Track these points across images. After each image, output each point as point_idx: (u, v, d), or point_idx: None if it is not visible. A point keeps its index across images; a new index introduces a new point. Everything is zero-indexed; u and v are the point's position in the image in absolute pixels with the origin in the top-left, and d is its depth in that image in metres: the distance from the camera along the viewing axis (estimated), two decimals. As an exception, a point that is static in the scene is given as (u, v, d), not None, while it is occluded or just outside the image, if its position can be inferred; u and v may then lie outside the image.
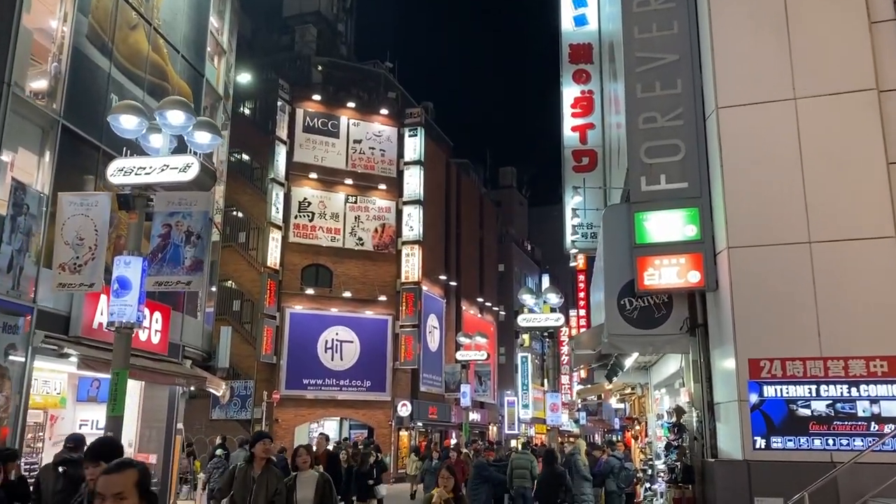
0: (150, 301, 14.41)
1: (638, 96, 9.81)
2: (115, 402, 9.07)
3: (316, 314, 29.45)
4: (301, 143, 30.47)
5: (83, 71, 12.81)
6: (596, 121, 15.54)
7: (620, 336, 9.76)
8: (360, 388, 29.58)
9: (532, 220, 63.60)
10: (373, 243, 31.30)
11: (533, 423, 48.62)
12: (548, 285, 21.18)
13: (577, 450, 13.41)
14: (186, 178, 9.20)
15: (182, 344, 15.91)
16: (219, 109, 18.48)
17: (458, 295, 38.40)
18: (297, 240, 29.80)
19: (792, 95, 8.86)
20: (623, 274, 9.73)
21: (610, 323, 9.79)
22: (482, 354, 29.15)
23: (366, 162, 31.72)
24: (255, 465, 6.57)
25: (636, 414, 16.56)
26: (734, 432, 8.49)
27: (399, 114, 33.02)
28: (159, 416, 15.35)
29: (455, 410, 35.17)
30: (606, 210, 10.33)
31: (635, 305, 9.75)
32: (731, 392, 8.61)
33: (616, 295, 9.82)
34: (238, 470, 6.65)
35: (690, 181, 9.35)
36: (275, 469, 6.69)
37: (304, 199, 30.27)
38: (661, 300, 9.65)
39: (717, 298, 9.07)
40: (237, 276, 29.81)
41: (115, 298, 9.08)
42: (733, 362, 8.46)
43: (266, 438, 6.88)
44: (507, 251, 50.29)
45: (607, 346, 9.91)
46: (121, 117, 9.48)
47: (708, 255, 9.07)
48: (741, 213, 8.77)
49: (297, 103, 30.61)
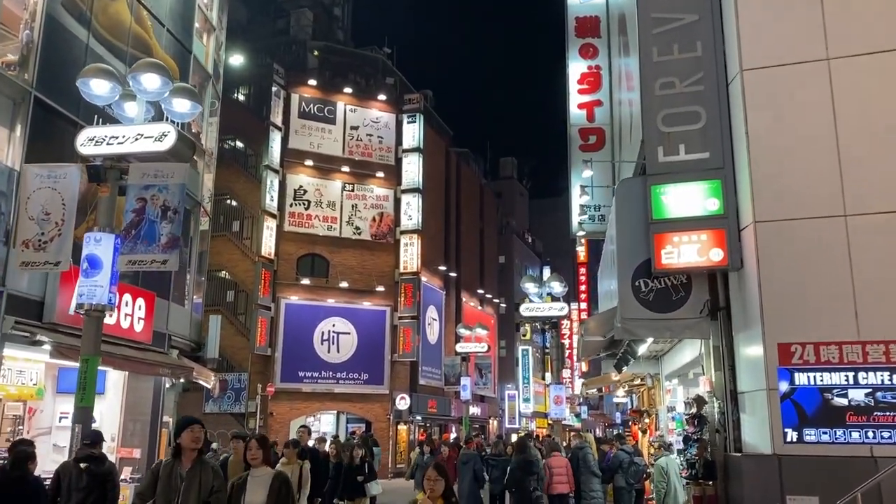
0: (133, 287, 13.65)
1: (654, 60, 9.03)
2: (85, 391, 8.33)
3: (312, 305, 28.68)
4: (296, 130, 29.64)
5: (58, 40, 12.01)
6: (604, 98, 14.75)
7: (635, 320, 8.99)
8: (357, 381, 28.83)
9: (532, 212, 62.83)
10: (370, 232, 30.51)
11: (534, 417, 47.96)
12: (551, 274, 20.32)
13: (585, 443, 12.65)
14: (162, 148, 8.43)
15: (168, 333, 15.14)
16: (207, 89, 17.67)
17: (458, 286, 37.63)
18: (292, 229, 29.00)
19: (825, 55, 8.08)
20: (638, 253, 8.98)
21: (623, 306, 9.03)
22: (483, 346, 28.41)
23: (363, 149, 30.90)
24: (182, 459, 5.34)
25: (645, 406, 15.80)
26: (762, 424, 7.73)
27: (397, 100, 32.19)
28: (144, 409, 14.59)
29: (455, 404, 34.44)
30: (620, 184, 9.56)
31: (651, 287, 8.99)
32: (757, 380, 7.86)
33: (630, 276, 9.06)
34: (162, 467, 5.40)
35: (712, 151, 8.59)
36: (210, 463, 5.53)
37: (300, 187, 29.46)
38: (680, 281, 8.89)
39: (741, 278, 8.31)
40: (231, 266, 29.02)
41: (84, 279, 8.33)
42: (761, 347, 7.70)
43: (195, 424, 5.46)
44: (508, 242, 49.51)
45: (620, 332, 9.14)
46: (91, 81, 8.70)
47: (732, 230, 8.32)
48: (769, 185, 8.00)
49: (293, 88, 29.78)
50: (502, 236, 49.17)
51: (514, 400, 45.08)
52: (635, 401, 18.45)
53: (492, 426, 41.07)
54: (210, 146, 18.28)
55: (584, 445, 12.86)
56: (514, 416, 44.81)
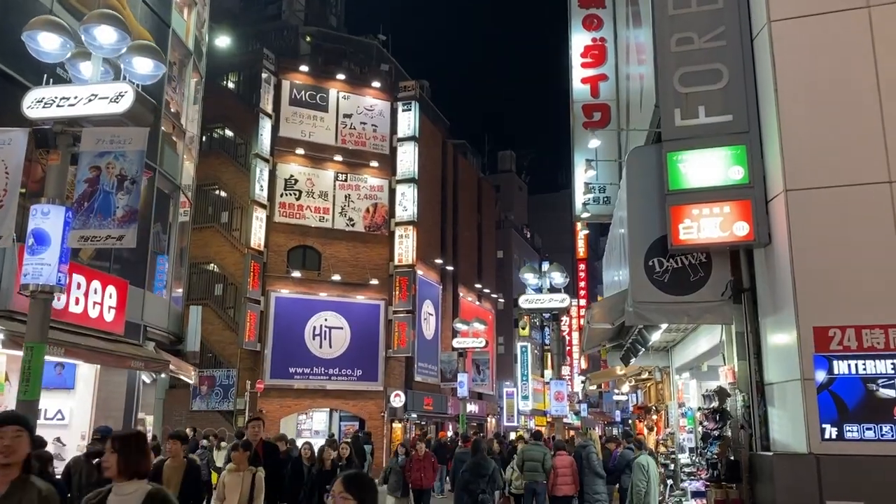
0: (103, 274, 12.71)
1: (670, 14, 8.08)
2: (29, 383, 7.37)
3: (303, 299, 27.70)
4: (287, 117, 28.65)
5: (17, 3, 11.06)
6: (609, 72, 13.81)
7: (648, 304, 8.06)
8: (350, 378, 27.87)
9: (531, 209, 61.90)
10: (364, 224, 29.53)
11: (533, 414, 47.08)
12: (551, 265, 19.39)
13: (589, 441, 11.74)
14: (119, 110, 7.50)
15: (144, 324, 14.20)
16: (188, 67, 16.71)
17: (455, 281, 36.68)
18: (282, 219, 28.02)
19: (864, 2, 7.14)
20: (652, 229, 8.05)
21: (636, 288, 8.10)
22: (480, 342, 27.49)
23: (356, 137, 29.92)
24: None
25: (652, 402, 14.87)
26: (795, 419, 6.79)
27: (392, 87, 31.21)
28: (117, 405, 13.67)
29: (452, 402, 33.52)
30: (631, 153, 8.61)
31: (666, 267, 8.05)
32: (789, 369, 6.91)
33: (643, 255, 8.12)
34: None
35: (736, 113, 7.64)
36: (36, 484, 3.40)
37: (291, 177, 28.48)
38: (699, 260, 7.96)
39: (769, 255, 7.36)
40: (219, 259, 28.05)
41: (29, 256, 7.38)
42: (793, 332, 6.76)
43: (8, 426, 3.34)
44: (507, 237, 48.58)
45: (632, 317, 8.18)
46: (39, 35, 7.76)
47: (758, 201, 7.37)
48: (801, 149, 7.05)
49: (284, 75, 28.80)
50: (501, 230, 48.24)
51: (512, 397, 44.22)
52: (640, 396, 17.52)
53: (490, 424, 40.13)
54: (192, 129, 17.31)
55: (588, 444, 11.96)
56: (512, 415, 43.93)
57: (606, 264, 14.52)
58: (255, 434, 8.66)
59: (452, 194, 37.00)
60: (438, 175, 35.15)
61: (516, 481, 12.88)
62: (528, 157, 71.82)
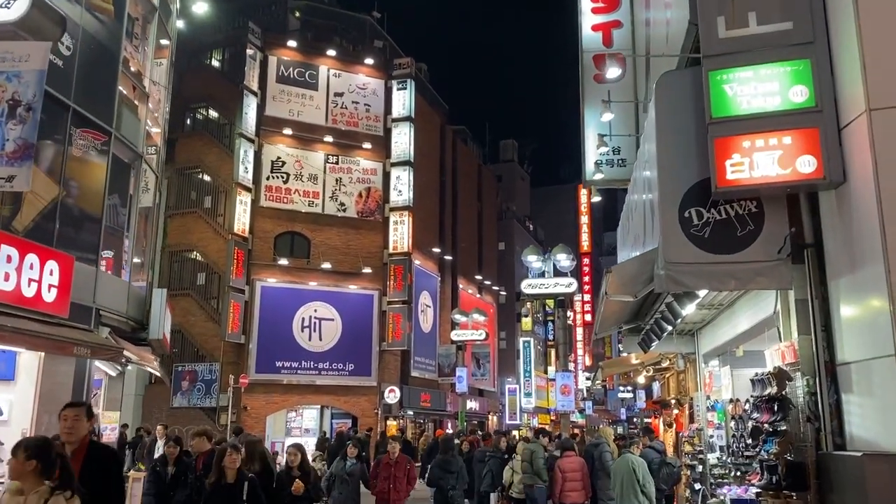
0: (41, 247, 11.02)
1: None
2: None
3: (291, 288, 26.02)
4: (274, 96, 26.96)
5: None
6: (623, 18, 12.08)
7: (684, 266, 6.36)
8: (342, 372, 26.19)
9: (533, 202, 60.19)
10: (356, 209, 27.82)
11: (536, 412, 45.40)
12: (557, 246, 17.71)
13: (602, 440, 10.07)
14: (9, 18, 5.86)
15: (97, 307, 12.51)
16: (153, 24, 15.02)
17: (455, 272, 35.00)
18: (269, 204, 26.32)
19: None
20: (688, 171, 6.38)
21: (668, 246, 6.40)
22: (480, 334, 25.88)
23: (348, 118, 28.21)
24: None
25: (672, 395, 13.17)
26: (882, 408, 5.13)
27: (386, 65, 29.49)
28: (62, 399, 11.93)
29: (451, 398, 31.85)
30: (661, 78, 6.90)
31: (707, 219, 6.36)
32: (874, 344, 5.23)
33: (677, 205, 6.42)
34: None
35: (797, 19, 5.96)
36: None
37: (278, 159, 26.78)
38: (747, 209, 6.27)
39: (843, 197, 5.67)
40: (202, 246, 26.37)
41: None
42: (883, 295, 5.07)
43: None
44: (509, 228, 46.89)
45: (663, 282, 6.46)
46: None
47: (828, 129, 5.69)
48: (888, 58, 5.38)
49: (270, 50, 27.12)
50: (502, 221, 46.56)
51: (514, 394, 42.51)
52: (658, 389, 15.82)
53: (491, 422, 38.43)
54: (158, 94, 15.64)
55: (601, 442, 10.28)
56: (515, 412, 42.24)
57: (621, 242, 12.82)
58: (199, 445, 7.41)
59: (452, 181, 35.33)
60: (437, 160, 33.48)
61: (517, 485, 11.28)
62: (531, 147, 70.08)
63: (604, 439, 10.05)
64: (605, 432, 10.33)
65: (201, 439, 7.27)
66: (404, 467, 8.88)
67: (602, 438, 10.07)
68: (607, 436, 10.20)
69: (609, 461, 9.82)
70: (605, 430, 10.62)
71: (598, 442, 10.03)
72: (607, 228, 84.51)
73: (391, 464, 8.85)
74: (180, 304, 26.08)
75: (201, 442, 7.25)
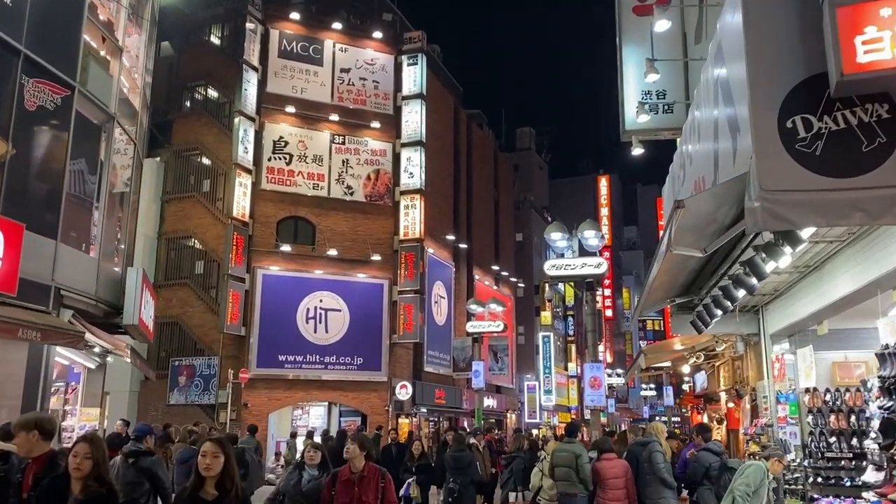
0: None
1: None
2: None
3: (295, 276, 24.29)
4: (276, 72, 25.25)
5: None
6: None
7: (788, 194, 4.51)
8: (349, 367, 24.44)
9: (551, 195, 58.14)
10: (364, 192, 26.04)
11: (556, 410, 43.50)
12: (585, 221, 15.79)
13: (653, 438, 8.22)
14: None
15: (56, 286, 10.86)
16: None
17: (470, 261, 33.16)
18: (270, 186, 24.60)
19: None
20: (791, 65, 4.55)
21: (765, 169, 4.52)
22: (498, 325, 23.99)
23: (355, 95, 26.43)
24: None
25: (724, 386, 11.25)
26: None
27: (396, 40, 27.68)
28: (13, 391, 10.33)
29: (467, 395, 30.01)
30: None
31: (819, 130, 4.51)
32: None
33: (776, 112, 4.59)
34: None
35: None
36: None
37: (280, 138, 25.06)
38: (877, 114, 4.44)
39: None
40: (201, 233, 24.73)
41: None
42: None
43: None
44: (526, 218, 44.95)
45: (759, 218, 4.57)
46: None
47: None
48: None
49: (272, 23, 25.41)
50: (520, 211, 44.63)
51: (534, 392, 40.65)
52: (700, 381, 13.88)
53: (510, 420, 36.57)
54: (134, 49, 13.97)
55: (651, 440, 8.39)
56: (534, 410, 40.37)
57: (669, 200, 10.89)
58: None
59: (466, 167, 33.49)
60: (450, 144, 31.64)
61: (549, 490, 9.47)
62: (549, 135, 67.97)
63: (654, 436, 8.18)
64: (657, 428, 8.45)
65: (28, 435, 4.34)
66: (376, 487, 5.28)
67: (652, 436, 8.20)
68: (659, 433, 8.32)
69: (661, 463, 7.97)
70: (656, 425, 8.74)
71: (648, 440, 8.17)
72: (627, 223, 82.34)
73: (353, 481, 5.28)
74: (178, 294, 24.52)
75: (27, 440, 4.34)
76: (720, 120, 5.61)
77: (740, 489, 6.94)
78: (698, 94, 7.01)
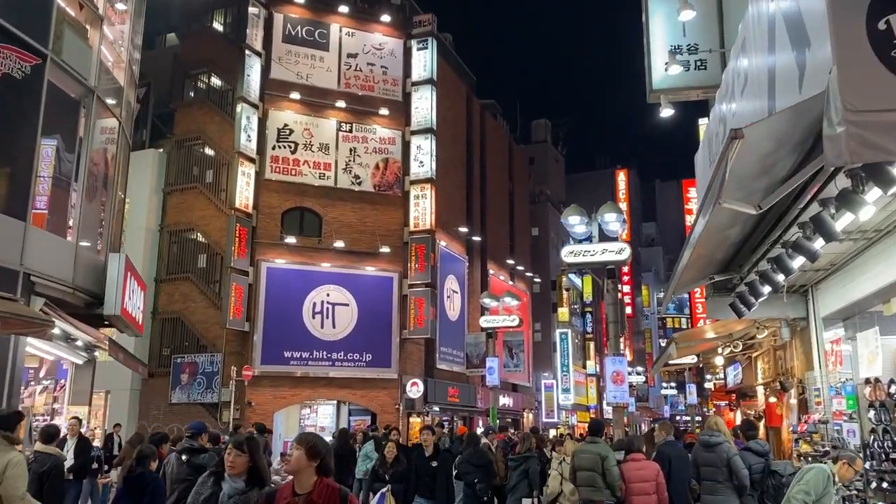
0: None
1: None
2: None
3: (300, 270, 23.33)
4: (280, 57, 24.32)
5: None
6: None
7: (882, 114, 3.40)
8: (358, 364, 23.44)
9: (567, 189, 56.81)
10: (373, 182, 25.03)
11: (574, 410, 42.28)
12: (605, 203, 14.64)
13: (720, 435, 7.06)
14: None
15: (25, 271, 9.92)
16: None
17: (484, 255, 32.06)
18: (275, 176, 23.66)
19: None
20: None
21: (850, 83, 3.40)
22: (513, 320, 22.89)
23: (363, 81, 25.44)
24: None
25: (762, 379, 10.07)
26: None
27: (405, 24, 26.67)
28: (-26, 387, 9.41)
29: (481, 393, 28.90)
30: None
31: (922, 29, 3.41)
32: None
33: (863, 10, 3.49)
34: None
35: None
36: None
37: (285, 126, 24.12)
38: None
39: None
40: (203, 225, 23.86)
41: None
42: None
43: None
44: (542, 213, 43.77)
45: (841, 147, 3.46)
46: None
47: None
48: None
49: (276, 7, 24.49)
50: (536, 206, 43.44)
51: (551, 390, 39.48)
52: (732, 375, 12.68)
53: (526, 419, 35.39)
54: (116, 19, 13.04)
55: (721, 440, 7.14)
56: (552, 409, 39.20)
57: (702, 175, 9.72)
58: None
59: (480, 157, 32.39)
60: (462, 133, 30.56)
61: (571, 496, 8.39)
62: (565, 127, 66.55)
63: (722, 434, 6.97)
64: (718, 423, 7.18)
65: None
66: (334, 499, 3.49)
67: (719, 433, 6.97)
68: (719, 426, 7.10)
69: (741, 467, 6.81)
70: (715, 418, 7.44)
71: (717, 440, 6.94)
72: (645, 219, 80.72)
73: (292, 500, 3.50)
74: (180, 288, 23.68)
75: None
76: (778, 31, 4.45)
77: (798, 497, 5.82)
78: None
